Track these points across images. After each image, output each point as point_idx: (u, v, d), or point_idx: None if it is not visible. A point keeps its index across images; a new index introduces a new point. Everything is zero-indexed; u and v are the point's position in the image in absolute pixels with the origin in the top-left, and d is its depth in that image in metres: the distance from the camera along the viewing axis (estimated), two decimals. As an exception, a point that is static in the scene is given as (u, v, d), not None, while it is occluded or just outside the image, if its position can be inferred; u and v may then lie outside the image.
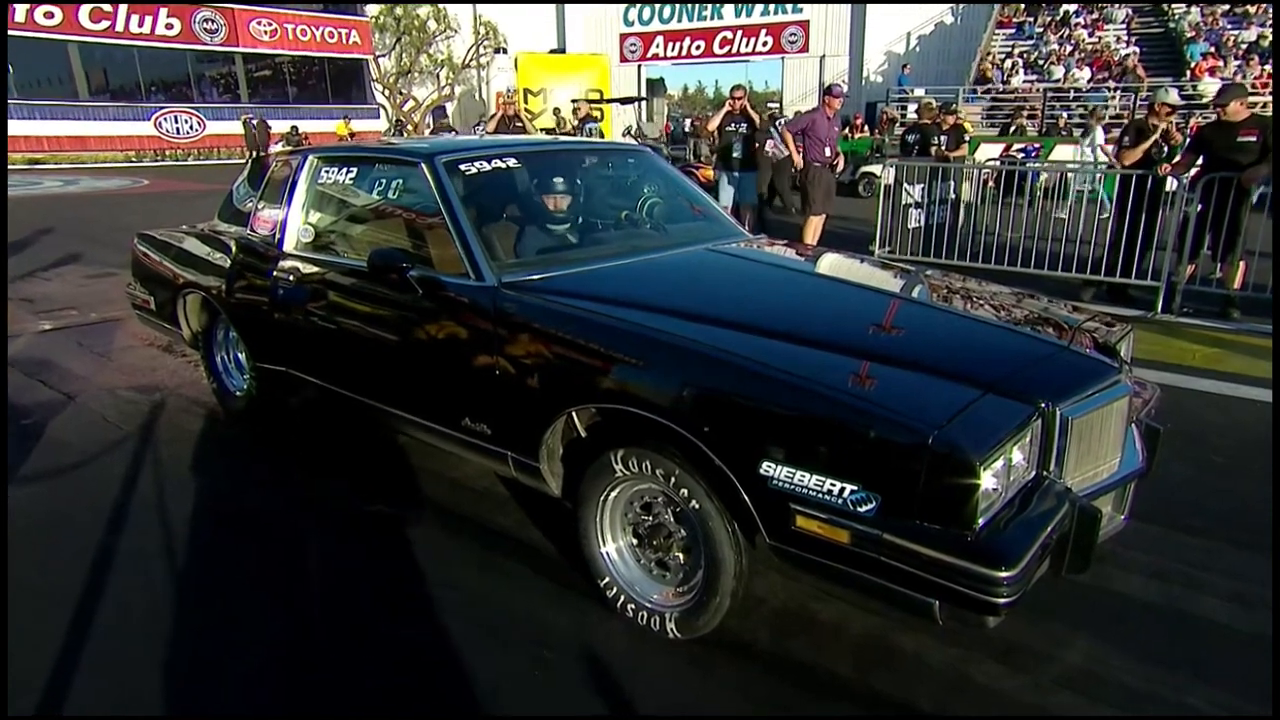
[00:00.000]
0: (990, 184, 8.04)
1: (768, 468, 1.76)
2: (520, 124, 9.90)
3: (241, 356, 3.61)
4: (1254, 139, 5.46)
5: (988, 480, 1.62)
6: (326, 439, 3.54)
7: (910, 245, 7.30)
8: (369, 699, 1.98)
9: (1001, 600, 1.58)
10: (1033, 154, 13.72)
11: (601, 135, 11.65)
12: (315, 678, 2.05)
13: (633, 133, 14.21)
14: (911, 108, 18.43)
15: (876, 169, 12.52)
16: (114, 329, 5.25)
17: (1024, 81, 19.30)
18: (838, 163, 7.18)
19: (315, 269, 2.99)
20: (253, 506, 2.92)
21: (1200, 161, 5.71)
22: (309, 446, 3.46)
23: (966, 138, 9.65)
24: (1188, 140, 6.19)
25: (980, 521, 1.62)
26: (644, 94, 25.88)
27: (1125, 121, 7.28)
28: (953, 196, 7.52)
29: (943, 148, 8.68)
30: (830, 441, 1.70)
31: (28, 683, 2.00)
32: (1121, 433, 2.05)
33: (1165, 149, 6.01)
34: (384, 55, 30.01)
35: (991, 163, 10.61)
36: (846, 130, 14.92)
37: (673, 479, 1.98)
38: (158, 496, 2.97)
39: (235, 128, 23.26)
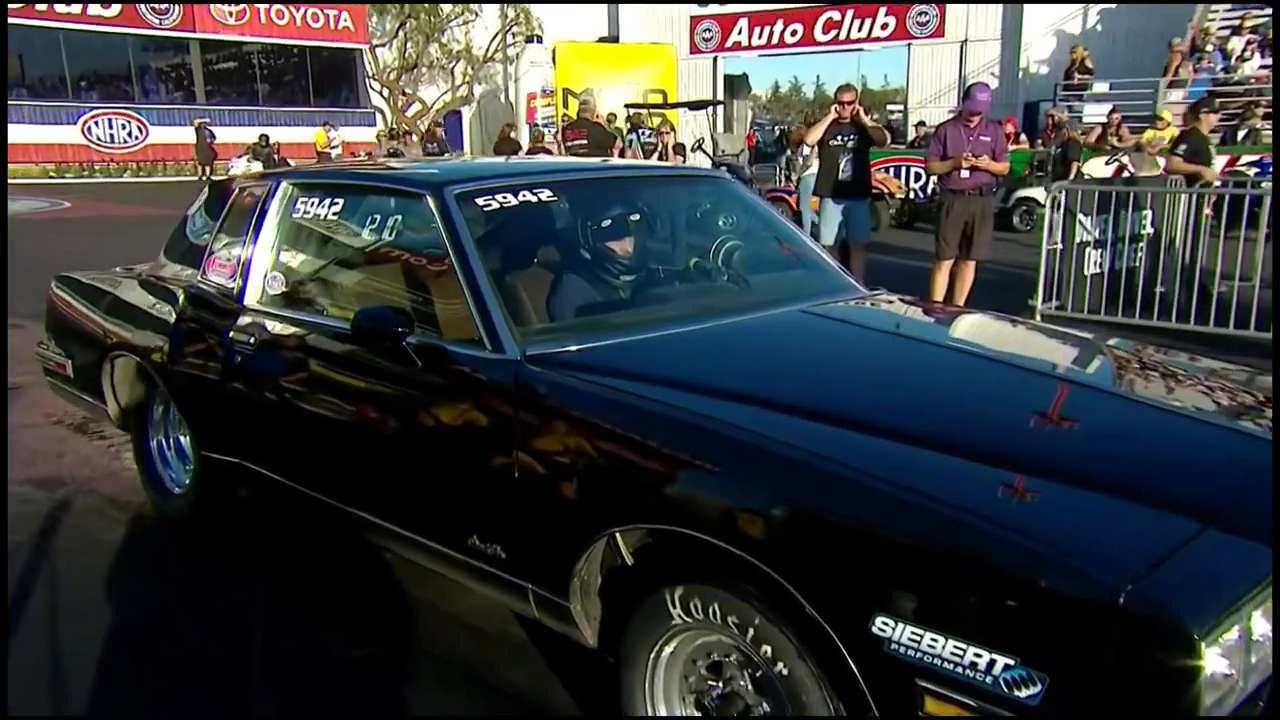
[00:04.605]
0: (1208, 213, 7.90)
1: (884, 625, 1.73)
2: (599, 127, 9.96)
3: (184, 442, 3.74)
4: None
5: (1214, 661, 1.54)
6: (290, 556, 3.61)
7: (1087, 299, 7.22)
8: None
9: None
10: (1269, 169, 13.46)
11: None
12: None
13: (704, 148, 14.51)
14: (1092, 109, 18.29)
15: (1038, 193, 12.47)
16: (11, 400, 5.38)
17: (1260, 68, 18.76)
18: (979, 182, 7.04)
19: (285, 329, 3.11)
20: (186, 646, 2.97)
21: None
22: (266, 565, 3.53)
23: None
24: None
25: (1203, 725, 1.56)
26: (721, 96, 26.52)
27: None
28: (1149, 231, 7.43)
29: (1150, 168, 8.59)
30: (975, 592, 1.67)
31: None
32: None
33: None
34: (383, 45, 31.38)
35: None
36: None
37: (751, 631, 1.97)
38: (50, 630, 3.03)
39: (187, 135, 24.49)
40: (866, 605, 1.76)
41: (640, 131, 13.75)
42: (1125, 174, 11.39)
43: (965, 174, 7.02)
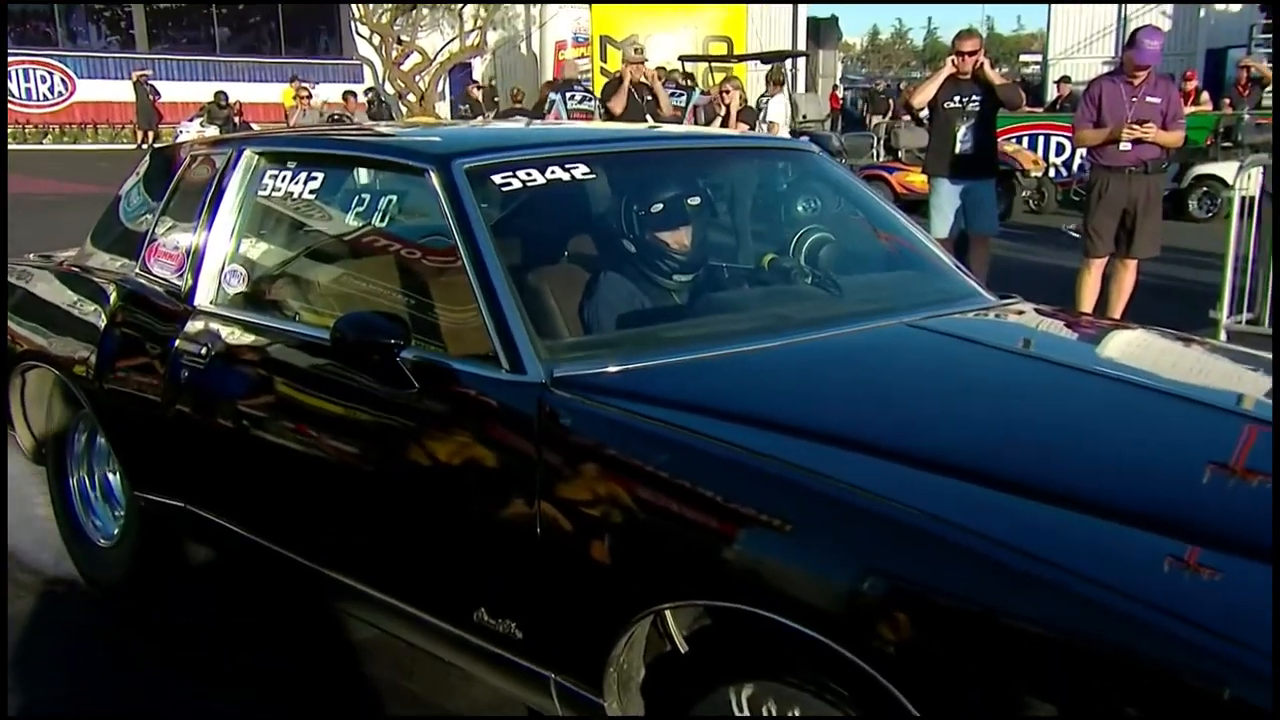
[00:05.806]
0: None
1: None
2: (653, 97, 10.19)
3: (115, 480, 3.79)
4: None
5: None
6: (245, 632, 3.63)
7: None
8: None
9: None
10: None
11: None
12: None
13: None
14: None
15: (1226, 170, 12.26)
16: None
17: None
18: (1144, 156, 6.91)
19: (246, 339, 3.15)
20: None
21: None
22: (215, 645, 3.54)
23: None
24: None
25: None
26: (803, 45, 26.55)
27: None
28: None
29: None
30: (1137, 701, 1.64)
31: None
32: None
33: None
34: (374, -17, 31.65)
35: None
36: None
37: (844, 744, 1.95)
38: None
39: (125, 91, 24.91)
40: (998, 714, 1.74)
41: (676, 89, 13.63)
42: None
43: (1126, 146, 6.91)
